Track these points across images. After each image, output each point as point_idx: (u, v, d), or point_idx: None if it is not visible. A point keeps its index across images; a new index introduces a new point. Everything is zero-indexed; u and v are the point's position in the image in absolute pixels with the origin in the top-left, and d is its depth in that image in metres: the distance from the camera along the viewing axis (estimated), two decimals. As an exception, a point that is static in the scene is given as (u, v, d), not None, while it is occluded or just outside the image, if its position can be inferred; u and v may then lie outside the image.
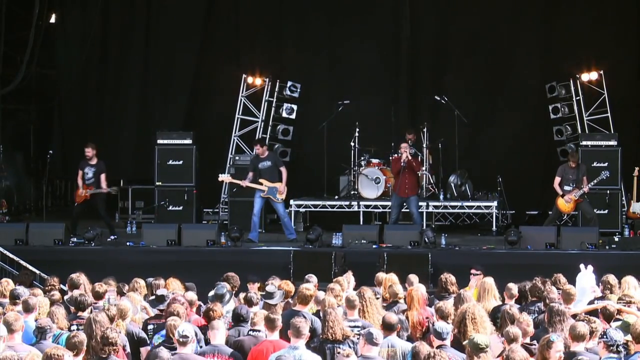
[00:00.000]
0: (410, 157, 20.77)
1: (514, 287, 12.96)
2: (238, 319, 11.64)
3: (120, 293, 13.60)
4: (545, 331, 10.81)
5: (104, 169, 21.06)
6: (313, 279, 13.94)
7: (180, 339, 10.26)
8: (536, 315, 12.16)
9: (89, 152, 21.16)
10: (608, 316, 11.58)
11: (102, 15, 25.64)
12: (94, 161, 21.12)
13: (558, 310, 11.09)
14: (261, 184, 20.62)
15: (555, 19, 24.51)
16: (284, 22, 25.45)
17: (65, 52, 26.19)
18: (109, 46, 25.96)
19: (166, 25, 25.64)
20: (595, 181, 20.33)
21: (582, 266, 13.20)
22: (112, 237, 20.73)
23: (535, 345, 10.35)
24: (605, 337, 9.82)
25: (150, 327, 12.05)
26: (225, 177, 21.40)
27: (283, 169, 20.82)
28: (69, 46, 26.17)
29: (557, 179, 20.37)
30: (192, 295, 12.87)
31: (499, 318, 11.60)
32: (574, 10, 24.37)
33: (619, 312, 11.84)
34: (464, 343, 9.70)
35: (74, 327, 11.37)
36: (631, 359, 9.95)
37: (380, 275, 14.39)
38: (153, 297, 13.29)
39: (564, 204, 20.27)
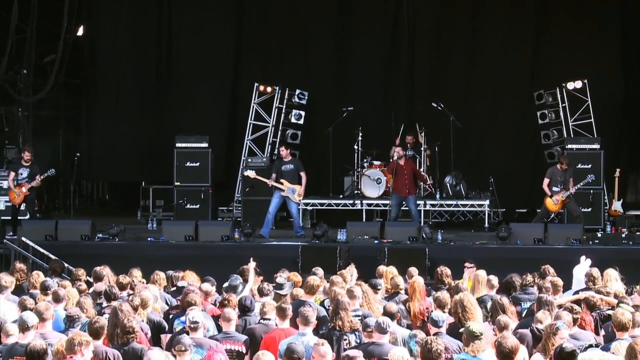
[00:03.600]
0: (405, 159, 21.04)
1: (494, 279, 12.98)
2: (243, 309, 11.61)
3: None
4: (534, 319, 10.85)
5: (38, 170, 20.68)
6: (319, 271, 13.90)
7: (191, 325, 10.32)
8: (531, 303, 12.11)
9: (28, 155, 20.70)
10: (591, 306, 11.60)
11: (126, 28, 25.67)
12: (29, 163, 20.70)
13: (546, 301, 11.12)
14: (282, 184, 20.69)
15: (543, 31, 24.54)
16: (293, 35, 25.45)
17: (92, 62, 26.27)
18: (132, 57, 25.99)
19: (186, 39, 25.70)
20: (581, 183, 20.34)
21: (582, 258, 13.18)
22: (10, 234, 20.11)
23: None
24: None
25: (171, 316, 12.06)
26: (250, 173, 21.37)
27: (303, 175, 20.90)
28: (95, 57, 26.24)
29: (546, 180, 20.35)
30: (207, 287, 12.84)
31: (484, 308, 11.71)
32: (561, 23, 24.40)
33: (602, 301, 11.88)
34: (461, 330, 9.72)
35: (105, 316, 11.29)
36: (613, 344, 9.94)
37: (381, 268, 14.39)
38: (174, 288, 13.32)
39: (552, 203, 20.26)
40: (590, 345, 9.78)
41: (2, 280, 12.66)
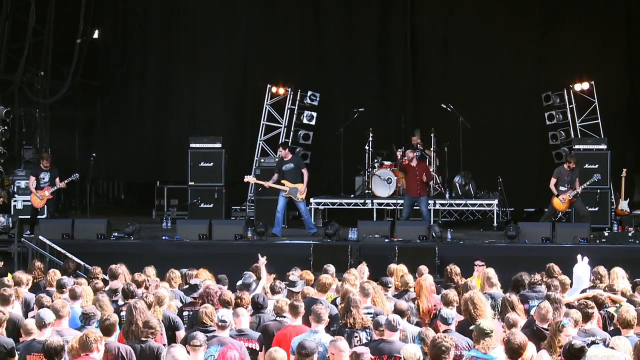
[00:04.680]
0: (418, 161, 21.06)
1: (493, 277, 12.90)
2: (256, 306, 11.59)
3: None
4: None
5: (57, 173, 20.69)
6: (331, 268, 13.85)
7: (220, 323, 10.26)
8: (539, 301, 12.05)
9: (47, 163, 20.67)
10: (599, 304, 11.54)
11: (139, 30, 25.75)
12: (48, 167, 20.71)
13: (555, 299, 11.07)
14: (283, 184, 20.58)
15: (550, 34, 24.57)
16: (304, 39, 25.49)
17: (107, 64, 26.35)
18: (146, 59, 26.09)
19: (198, 41, 25.78)
20: (587, 183, 20.26)
21: (579, 257, 13.16)
22: (27, 232, 20.05)
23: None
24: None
25: (185, 313, 12.04)
26: (250, 178, 21.36)
27: (305, 171, 20.73)
28: (110, 59, 26.33)
29: (553, 180, 20.28)
30: (220, 285, 12.81)
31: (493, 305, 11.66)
32: (568, 26, 24.44)
33: (609, 299, 11.83)
34: (471, 328, 9.67)
35: (123, 313, 11.27)
36: (611, 339, 9.85)
37: (392, 266, 14.32)
38: (187, 286, 13.29)
39: (559, 203, 20.20)
40: (594, 342, 9.71)
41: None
